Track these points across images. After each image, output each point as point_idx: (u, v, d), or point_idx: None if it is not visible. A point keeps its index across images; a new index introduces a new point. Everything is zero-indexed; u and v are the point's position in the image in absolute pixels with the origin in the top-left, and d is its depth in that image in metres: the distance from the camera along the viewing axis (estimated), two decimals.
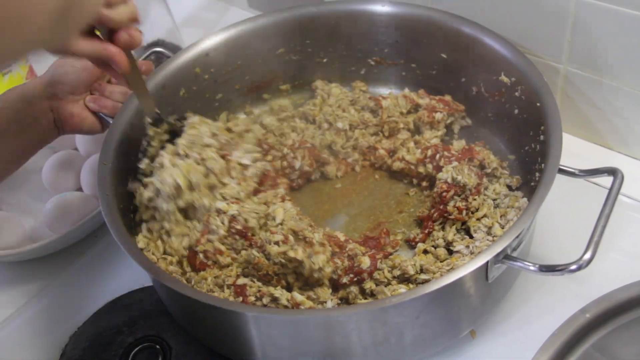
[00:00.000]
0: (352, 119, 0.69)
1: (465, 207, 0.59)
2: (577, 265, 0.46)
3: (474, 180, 0.60)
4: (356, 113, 0.70)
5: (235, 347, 0.54)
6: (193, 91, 0.70)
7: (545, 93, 0.57)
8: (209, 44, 0.70)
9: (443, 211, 0.59)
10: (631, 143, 0.68)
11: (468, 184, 0.59)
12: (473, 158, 0.62)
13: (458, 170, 0.60)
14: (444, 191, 0.59)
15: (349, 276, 0.55)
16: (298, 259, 0.54)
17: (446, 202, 0.59)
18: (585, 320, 0.53)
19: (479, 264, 0.46)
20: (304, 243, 0.55)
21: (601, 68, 0.64)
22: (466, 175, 0.60)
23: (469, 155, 0.62)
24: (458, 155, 0.62)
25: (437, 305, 0.49)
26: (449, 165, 0.61)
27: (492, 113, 0.67)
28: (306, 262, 0.54)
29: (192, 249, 0.58)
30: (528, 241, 0.56)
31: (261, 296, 0.52)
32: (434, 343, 0.53)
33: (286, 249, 0.54)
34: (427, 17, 0.68)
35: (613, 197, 0.50)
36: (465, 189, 0.59)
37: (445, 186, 0.60)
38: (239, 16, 0.93)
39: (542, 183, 0.50)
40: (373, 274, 0.55)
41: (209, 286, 0.55)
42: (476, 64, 0.66)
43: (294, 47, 0.73)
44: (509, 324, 0.56)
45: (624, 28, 0.59)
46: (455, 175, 0.60)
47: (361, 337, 0.49)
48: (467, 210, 0.59)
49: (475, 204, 0.59)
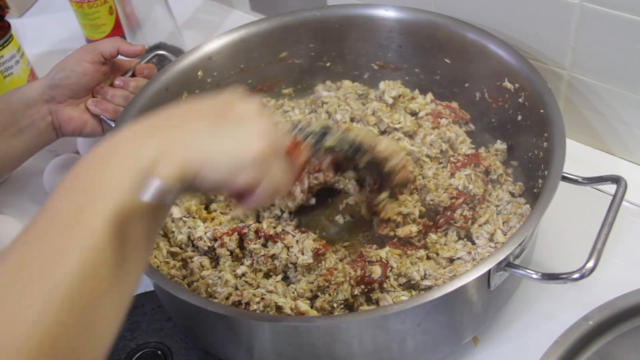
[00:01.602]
0: (355, 113, 0.69)
1: (471, 216, 0.59)
2: (580, 274, 0.46)
3: (482, 189, 0.60)
4: (361, 106, 0.70)
5: (236, 353, 0.54)
6: (196, 94, 0.70)
7: (549, 100, 0.57)
8: (212, 48, 0.70)
9: (450, 218, 0.59)
10: (634, 149, 0.67)
11: (478, 193, 0.59)
12: (479, 164, 0.62)
13: (470, 178, 0.60)
14: (453, 197, 0.59)
15: (360, 287, 0.54)
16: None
17: (454, 209, 0.59)
18: (588, 328, 0.52)
19: (481, 272, 0.46)
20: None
21: (604, 74, 0.63)
22: (477, 184, 0.59)
23: (475, 160, 0.62)
24: (464, 160, 0.62)
25: (438, 312, 0.49)
26: (460, 172, 0.60)
27: (496, 119, 0.67)
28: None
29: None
30: (531, 248, 0.56)
31: (265, 306, 0.52)
32: (436, 350, 0.53)
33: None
34: (431, 22, 0.68)
35: (616, 206, 0.50)
36: (474, 198, 0.59)
37: (455, 192, 0.59)
38: (241, 19, 0.94)
39: (545, 191, 0.50)
40: (383, 284, 0.55)
41: (207, 285, 0.55)
42: (480, 69, 0.66)
43: (298, 51, 0.73)
44: (512, 330, 0.56)
45: (628, 34, 0.59)
46: (467, 183, 0.59)
47: (363, 344, 0.49)
48: (473, 220, 0.59)
49: (481, 212, 0.59)
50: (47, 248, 0.33)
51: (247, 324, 0.49)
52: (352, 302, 0.55)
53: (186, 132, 0.37)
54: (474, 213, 0.59)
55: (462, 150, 0.64)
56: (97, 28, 0.92)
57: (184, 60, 0.69)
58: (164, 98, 0.67)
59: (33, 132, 0.63)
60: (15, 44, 0.81)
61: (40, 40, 0.98)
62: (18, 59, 0.81)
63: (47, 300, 0.31)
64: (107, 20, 0.91)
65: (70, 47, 0.93)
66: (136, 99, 0.65)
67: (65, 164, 0.73)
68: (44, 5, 1.07)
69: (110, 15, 0.91)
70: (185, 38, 0.87)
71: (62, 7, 0.96)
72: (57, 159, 0.74)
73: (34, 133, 0.64)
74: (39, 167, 0.74)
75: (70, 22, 0.94)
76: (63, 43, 0.97)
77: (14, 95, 0.63)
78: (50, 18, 1.03)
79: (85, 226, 0.33)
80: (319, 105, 0.72)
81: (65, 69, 0.64)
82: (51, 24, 1.01)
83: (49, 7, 1.06)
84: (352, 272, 0.55)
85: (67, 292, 0.31)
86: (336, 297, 0.53)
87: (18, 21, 1.03)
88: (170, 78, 0.67)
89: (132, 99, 0.65)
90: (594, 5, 0.59)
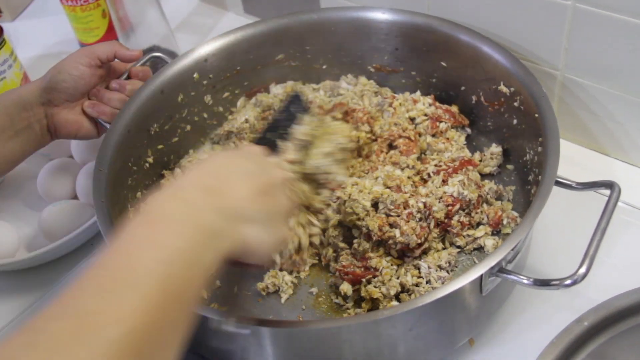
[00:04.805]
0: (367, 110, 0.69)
1: (468, 222, 0.59)
2: (572, 280, 0.46)
3: (476, 193, 0.60)
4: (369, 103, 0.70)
5: (227, 357, 0.53)
6: (191, 96, 0.70)
7: (544, 104, 0.57)
8: (207, 50, 0.70)
9: (447, 225, 0.59)
10: (627, 149, 0.68)
11: (473, 199, 0.59)
12: (473, 167, 0.62)
13: (463, 184, 0.59)
14: (449, 204, 0.59)
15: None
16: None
17: (451, 216, 0.59)
18: (583, 329, 0.53)
19: (472, 277, 0.46)
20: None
21: (598, 75, 0.64)
22: (471, 188, 0.59)
23: (468, 164, 0.62)
24: (455, 166, 0.62)
25: (430, 317, 0.49)
26: (453, 178, 0.60)
27: (492, 122, 0.67)
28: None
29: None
30: (524, 253, 0.56)
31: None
32: (428, 354, 0.53)
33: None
34: (428, 25, 0.67)
35: (609, 212, 0.49)
36: (470, 204, 0.59)
37: (450, 200, 0.59)
38: (234, 22, 0.94)
39: (537, 197, 0.50)
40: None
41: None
42: (476, 73, 0.66)
43: (294, 54, 0.73)
44: (507, 333, 0.56)
45: (620, 35, 0.59)
46: (461, 189, 0.59)
47: (353, 349, 0.49)
48: (470, 225, 0.59)
49: (477, 217, 0.59)
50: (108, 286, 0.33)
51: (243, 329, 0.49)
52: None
53: (238, 202, 0.41)
54: (470, 218, 0.59)
55: (450, 155, 0.64)
56: (90, 31, 0.91)
57: (179, 63, 0.68)
58: (159, 100, 0.67)
59: (29, 135, 0.63)
60: (8, 47, 0.80)
61: (33, 44, 0.98)
62: (11, 63, 0.81)
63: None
64: (100, 23, 0.91)
65: (63, 50, 0.93)
66: (131, 102, 0.65)
67: (60, 169, 0.73)
68: (37, 8, 1.06)
69: (103, 18, 0.91)
70: (179, 41, 0.86)
71: (55, 11, 0.95)
72: (50, 163, 0.74)
73: (30, 136, 0.63)
74: (33, 171, 0.74)
75: (63, 26, 0.94)
76: (56, 46, 0.97)
77: (9, 97, 0.63)
78: (43, 21, 1.02)
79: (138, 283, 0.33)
80: (334, 95, 0.72)
81: (62, 72, 0.64)
82: (44, 27, 1.01)
83: (41, 11, 1.05)
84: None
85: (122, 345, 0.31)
86: None
87: (11, 25, 1.02)
88: (165, 80, 0.67)
89: (127, 102, 0.65)
90: (586, 7, 0.59)
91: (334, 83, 0.74)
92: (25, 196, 0.75)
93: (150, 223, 0.37)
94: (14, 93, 0.64)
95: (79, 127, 0.66)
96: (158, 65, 0.72)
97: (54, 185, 0.72)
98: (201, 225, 0.37)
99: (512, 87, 0.62)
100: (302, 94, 0.66)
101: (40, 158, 0.74)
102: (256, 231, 0.41)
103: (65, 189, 0.72)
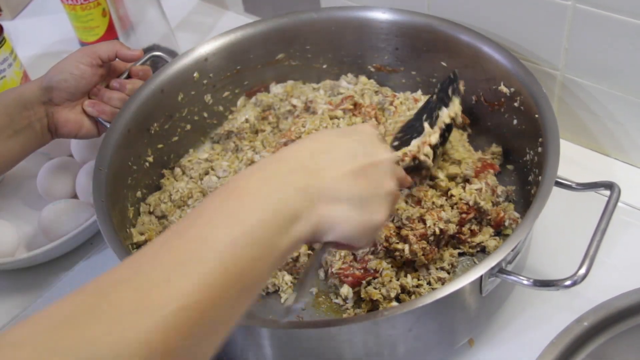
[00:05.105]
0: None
1: (478, 230, 0.59)
2: (572, 281, 0.46)
3: (490, 204, 0.59)
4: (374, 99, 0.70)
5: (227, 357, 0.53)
6: (191, 96, 0.70)
7: (544, 105, 0.57)
8: (207, 49, 0.70)
9: (457, 232, 0.58)
10: (627, 150, 0.68)
11: (487, 210, 0.59)
12: (494, 171, 0.62)
13: (480, 192, 0.59)
14: (463, 212, 0.58)
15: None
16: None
17: (463, 224, 0.58)
18: (583, 329, 0.53)
19: (472, 278, 0.46)
20: None
21: (597, 75, 0.64)
22: (487, 197, 0.59)
23: (489, 167, 0.62)
24: (477, 169, 0.61)
25: (430, 318, 0.49)
26: (472, 185, 0.60)
27: (492, 122, 0.67)
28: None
29: None
30: (524, 253, 0.56)
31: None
32: (428, 355, 0.53)
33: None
34: (428, 25, 0.67)
35: (609, 212, 0.49)
36: (483, 215, 0.59)
37: (465, 208, 0.59)
38: (234, 21, 0.94)
39: (537, 197, 0.50)
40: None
41: None
42: (476, 73, 0.65)
43: (294, 53, 0.73)
44: (507, 333, 0.56)
45: (620, 35, 0.59)
46: (478, 199, 0.59)
47: (353, 349, 0.49)
48: (480, 234, 0.59)
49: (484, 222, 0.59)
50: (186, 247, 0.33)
51: (243, 329, 0.49)
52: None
53: (328, 182, 0.39)
54: (480, 227, 0.59)
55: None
56: (91, 30, 0.91)
57: (179, 62, 0.68)
58: (159, 99, 0.67)
59: (29, 134, 0.63)
60: (7, 46, 0.80)
61: (33, 43, 0.98)
62: (11, 62, 0.81)
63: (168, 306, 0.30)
64: (100, 22, 0.91)
65: (63, 49, 0.93)
66: (131, 101, 0.65)
67: (59, 168, 0.73)
68: (37, 7, 1.06)
69: (103, 17, 0.91)
70: (179, 40, 0.86)
71: (55, 10, 0.95)
72: (50, 162, 0.74)
73: (30, 135, 0.63)
74: (33, 170, 0.74)
75: (64, 25, 0.94)
76: (56, 45, 0.97)
77: (10, 96, 0.63)
78: (43, 20, 1.02)
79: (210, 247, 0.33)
80: (334, 94, 0.72)
81: (63, 72, 0.64)
82: (44, 26, 1.01)
83: (42, 10, 1.05)
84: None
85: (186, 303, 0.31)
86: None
87: (11, 23, 1.02)
88: (165, 80, 0.67)
89: (127, 101, 0.65)
90: (586, 7, 0.59)
91: (334, 82, 0.74)
92: (25, 195, 0.75)
93: (232, 196, 0.36)
94: (14, 92, 0.64)
95: (79, 126, 0.66)
96: (158, 64, 0.72)
97: (53, 184, 0.72)
98: (282, 206, 0.36)
99: (512, 87, 0.62)
100: (458, 74, 0.62)
101: (40, 157, 0.74)
102: (347, 211, 0.39)
103: (65, 188, 0.72)
